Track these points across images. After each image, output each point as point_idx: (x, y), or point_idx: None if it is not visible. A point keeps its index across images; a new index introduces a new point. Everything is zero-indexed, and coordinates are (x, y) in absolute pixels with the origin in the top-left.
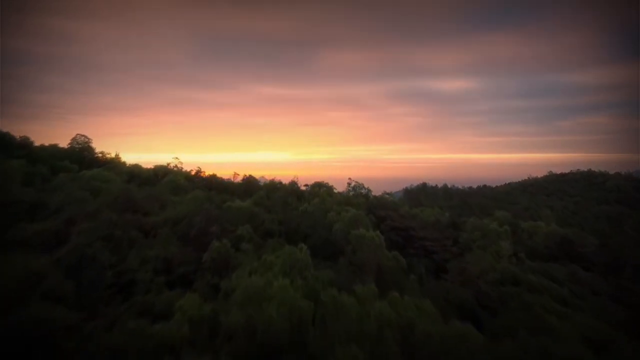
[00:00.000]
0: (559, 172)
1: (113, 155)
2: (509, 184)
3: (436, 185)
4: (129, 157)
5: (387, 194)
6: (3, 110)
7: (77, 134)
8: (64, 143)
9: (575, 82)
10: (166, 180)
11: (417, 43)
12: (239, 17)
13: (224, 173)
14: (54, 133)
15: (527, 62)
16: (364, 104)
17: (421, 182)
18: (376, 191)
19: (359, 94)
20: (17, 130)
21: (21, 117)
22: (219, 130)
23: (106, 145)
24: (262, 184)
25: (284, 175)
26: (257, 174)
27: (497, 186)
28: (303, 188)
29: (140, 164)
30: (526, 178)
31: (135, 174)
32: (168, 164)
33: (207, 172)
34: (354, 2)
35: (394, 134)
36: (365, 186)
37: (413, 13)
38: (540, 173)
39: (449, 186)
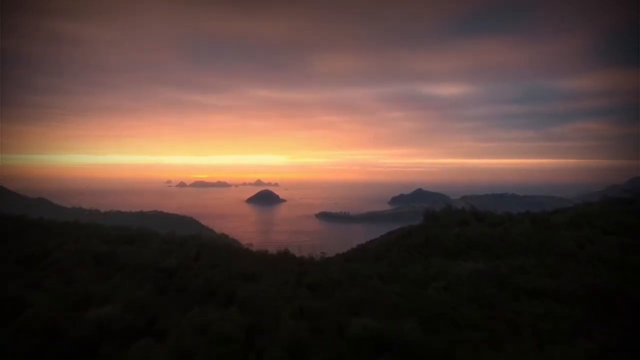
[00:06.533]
0: (559, 177)
1: None
2: (557, 212)
3: (462, 208)
4: (128, 159)
5: None
6: (2, 112)
7: None
8: (63, 144)
9: (571, 88)
10: None
11: (412, 48)
12: (237, 21)
13: (222, 175)
14: (53, 134)
15: (523, 67)
16: (360, 108)
17: (417, 187)
18: (374, 194)
19: (355, 98)
20: (17, 130)
21: (20, 119)
22: (216, 132)
23: (105, 146)
24: None
25: (280, 179)
26: (254, 176)
27: (543, 213)
28: None
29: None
30: (579, 203)
31: None
32: None
33: (202, 174)
34: (351, 7)
35: (390, 138)
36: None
37: (409, 18)
38: (539, 177)
39: (452, 193)
